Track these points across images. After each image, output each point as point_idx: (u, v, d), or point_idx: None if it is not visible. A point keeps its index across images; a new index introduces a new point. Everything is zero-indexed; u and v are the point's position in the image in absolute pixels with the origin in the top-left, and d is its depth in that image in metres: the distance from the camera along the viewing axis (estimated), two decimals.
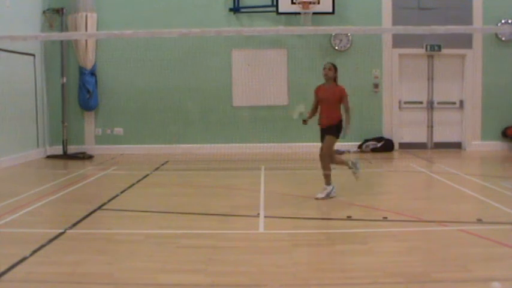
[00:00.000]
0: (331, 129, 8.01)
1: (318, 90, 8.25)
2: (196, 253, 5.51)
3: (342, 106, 8.06)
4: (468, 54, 14.16)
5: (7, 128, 11.69)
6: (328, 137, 8.02)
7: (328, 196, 7.97)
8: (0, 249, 5.66)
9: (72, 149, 13.86)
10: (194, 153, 12.87)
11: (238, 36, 13.64)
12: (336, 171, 8.33)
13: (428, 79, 14.41)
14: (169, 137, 14.02)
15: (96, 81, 13.97)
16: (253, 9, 13.92)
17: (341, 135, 8.00)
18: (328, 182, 8.06)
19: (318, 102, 8.21)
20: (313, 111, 8.33)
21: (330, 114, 8.03)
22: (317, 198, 7.94)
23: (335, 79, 8.11)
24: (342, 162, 8.43)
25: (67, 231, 6.24)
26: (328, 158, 8.06)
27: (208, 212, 7.38)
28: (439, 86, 14.37)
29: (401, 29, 11.95)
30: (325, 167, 8.08)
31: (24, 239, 6.01)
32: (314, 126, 8.22)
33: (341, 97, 8.02)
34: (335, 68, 8.10)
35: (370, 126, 14.11)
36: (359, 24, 13.13)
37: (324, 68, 8.12)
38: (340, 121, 8.03)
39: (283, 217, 6.94)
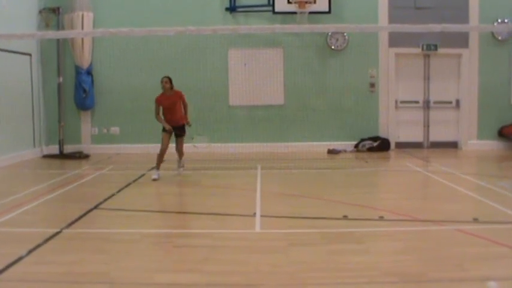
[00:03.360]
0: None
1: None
2: (192, 252, 5.51)
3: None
4: (464, 54, 14.18)
5: (3, 127, 11.68)
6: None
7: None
8: None
9: (68, 148, 13.84)
10: (190, 152, 12.83)
11: (235, 36, 13.61)
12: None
13: (424, 78, 14.42)
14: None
15: (92, 81, 13.95)
16: (249, 9, 13.91)
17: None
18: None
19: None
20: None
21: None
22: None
23: (172, 88, 10.08)
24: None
25: (63, 230, 6.23)
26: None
27: (205, 212, 7.37)
28: (436, 85, 14.39)
29: (397, 27, 11.99)
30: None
31: (20, 239, 6.00)
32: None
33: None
34: (170, 80, 10.05)
35: (366, 125, 14.13)
36: (355, 23, 13.09)
37: (162, 81, 10.00)
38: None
39: (279, 216, 6.94)
